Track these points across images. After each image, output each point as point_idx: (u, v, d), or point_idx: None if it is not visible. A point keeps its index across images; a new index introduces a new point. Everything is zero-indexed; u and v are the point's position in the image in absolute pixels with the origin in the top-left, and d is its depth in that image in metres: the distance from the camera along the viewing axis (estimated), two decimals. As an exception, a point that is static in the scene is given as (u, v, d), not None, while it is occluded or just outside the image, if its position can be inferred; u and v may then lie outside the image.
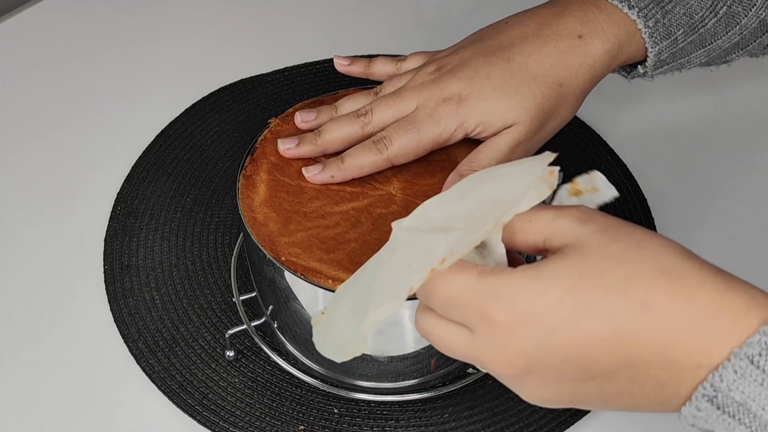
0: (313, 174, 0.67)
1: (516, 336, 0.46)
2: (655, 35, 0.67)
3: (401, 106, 0.67)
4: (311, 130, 0.69)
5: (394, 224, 0.51)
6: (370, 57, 0.74)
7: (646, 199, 0.82)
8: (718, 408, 0.43)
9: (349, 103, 0.70)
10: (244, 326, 0.71)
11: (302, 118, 0.70)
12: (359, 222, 0.64)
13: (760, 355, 0.42)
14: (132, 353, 0.72)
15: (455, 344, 0.49)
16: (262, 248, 0.63)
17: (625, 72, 0.72)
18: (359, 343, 0.51)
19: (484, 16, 1.00)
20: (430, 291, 0.48)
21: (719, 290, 0.45)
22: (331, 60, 0.93)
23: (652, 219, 0.81)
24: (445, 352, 0.50)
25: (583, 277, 0.45)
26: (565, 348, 0.45)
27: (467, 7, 1.03)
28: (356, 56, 0.74)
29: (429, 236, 0.49)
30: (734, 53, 0.72)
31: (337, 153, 0.68)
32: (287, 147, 0.68)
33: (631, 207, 0.82)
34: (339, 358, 0.52)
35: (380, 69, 0.73)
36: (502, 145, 0.65)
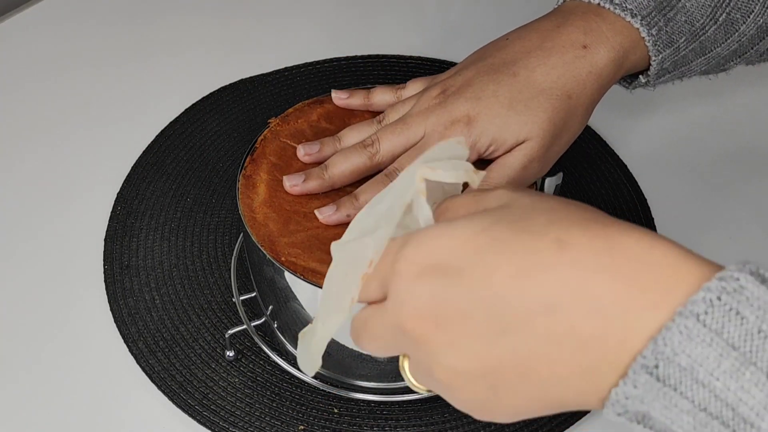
0: (327, 215, 0.64)
1: (423, 280, 0.43)
2: (658, 43, 0.66)
3: (409, 133, 0.65)
4: (317, 163, 0.67)
5: (332, 245, 0.50)
6: (370, 56, 0.73)
7: (646, 199, 0.82)
8: (659, 380, 0.39)
9: (353, 134, 0.68)
10: (244, 326, 0.71)
11: (305, 152, 0.68)
12: (359, 222, 0.64)
13: (706, 313, 0.38)
14: (132, 353, 0.72)
15: (374, 323, 0.46)
16: (262, 248, 0.63)
17: (626, 83, 0.70)
18: (315, 360, 0.50)
19: (484, 15, 1.01)
20: None
21: (646, 242, 0.41)
22: (331, 60, 0.94)
23: (652, 219, 0.81)
24: (367, 339, 0.47)
25: (499, 222, 0.43)
26: (471, 288, 0.42)
27: (467, 6, 1.03)
28: (355, 88, 0.73)
29: (358, 242, 0.47)
30: (732, 61, 0.71)
31: (345, 186, 0.67)
32: (294, 183, 0.66)
33: (631, 207, 0.82)
34: (309, 371, 0.51)
35: (380, 99, 0.71)
36: (515, 163, 0.63)
